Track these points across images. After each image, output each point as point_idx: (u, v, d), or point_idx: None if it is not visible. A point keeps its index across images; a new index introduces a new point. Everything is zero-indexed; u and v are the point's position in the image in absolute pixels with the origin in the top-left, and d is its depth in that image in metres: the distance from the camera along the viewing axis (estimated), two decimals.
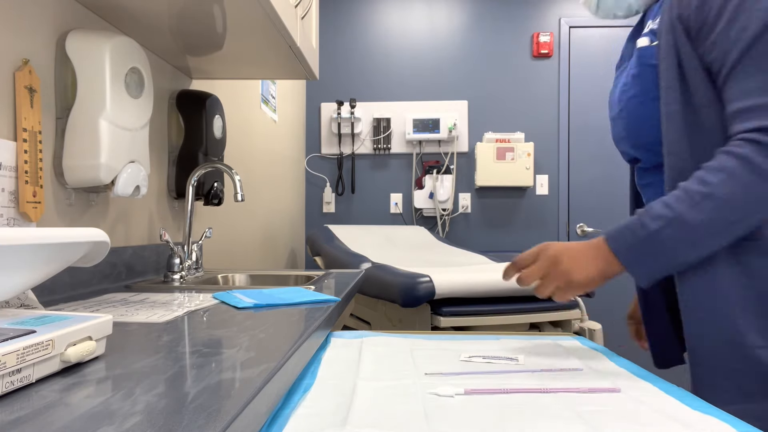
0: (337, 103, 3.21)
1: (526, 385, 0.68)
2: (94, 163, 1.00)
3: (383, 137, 3.27)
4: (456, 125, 3.19)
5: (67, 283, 1.01)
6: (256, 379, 0.47)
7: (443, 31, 3.32)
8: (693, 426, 0.55)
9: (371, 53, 3.33)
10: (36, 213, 0.91)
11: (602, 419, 0.57)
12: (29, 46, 0.94)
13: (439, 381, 0.70)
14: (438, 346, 0.90)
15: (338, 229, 2.76)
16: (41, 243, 0.51)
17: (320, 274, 1.49)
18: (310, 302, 0.93)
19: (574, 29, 3.29)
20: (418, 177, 3.27)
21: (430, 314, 1.69)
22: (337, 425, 0.54)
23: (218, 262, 1.86)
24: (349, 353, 0.84)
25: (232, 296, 0.97)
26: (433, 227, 3.28)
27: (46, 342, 0.46)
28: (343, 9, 3.33)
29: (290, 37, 1.29)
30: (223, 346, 0.61)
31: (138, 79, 1.12)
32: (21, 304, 0.65)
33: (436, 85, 3.31)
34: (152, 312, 0.82)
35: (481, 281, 1.67)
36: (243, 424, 0.40)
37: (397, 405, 0.60)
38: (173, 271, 1.27)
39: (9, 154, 0.87)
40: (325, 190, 3.31)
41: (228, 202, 1.96)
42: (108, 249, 0.63)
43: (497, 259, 2.39)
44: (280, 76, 1.65)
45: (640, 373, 0.76)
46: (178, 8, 1.09)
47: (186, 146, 1.49)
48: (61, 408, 0.40)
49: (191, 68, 1.54)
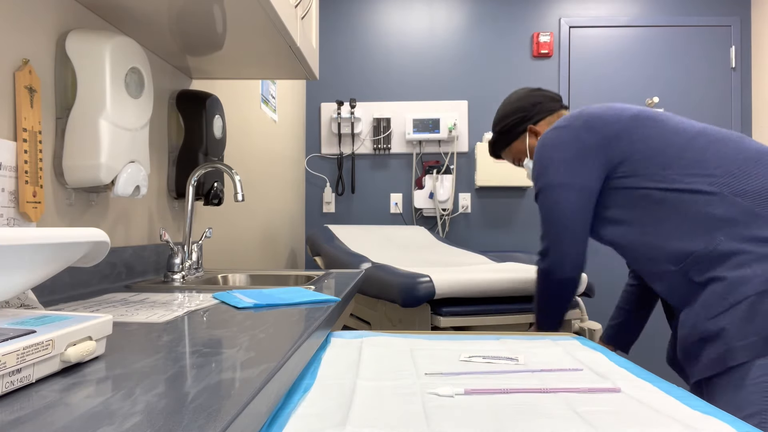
0: (337, 103, 3.21)
1: (526, 385, 0.68)
2: (94, 163, 1.00)
3: (383, 137, 3.27)
4: (456, 125, 3.19)
5: (67, 283, 1.01)
6: (256, 379, 0.47)
7: (443, 31, 3.32)
8: (693, 426, 0.55)
9: (371, 53, 3.33)
10: (36, 213, 0.91)
11: (602, 419, 0.57)
12: (29, 46, 0.94)
13: (439, 381, 0.70)
14: (438, 346, 0.90)
15: (338, 229, 2.76)
16: (41, 243, 0.51)
17: (320, 274, 1.49)
18: (310, 302, 0.93)
19: (574, 29, 3.29)
20: (418, 177, 3.27)
21: (430, 314, 1.69)
22: (337, 425, 0.54)
23: (218, 262, 1.86)
24: (349, 353, 0.84)
25: (232, 296, 0.97)
26: (433, 227, 3.28)
27: (46, 342, 0.46)
28: (343, 9, 3.33)
29: (290, 37, 1.29)
30: (223, 346, 0.61)
31: (138, 79, 1.12)
32: (21, 304, 0.65)
33: (436, 85, 3.31)
34: (152, 312, 0.82)
35: (481, 281, 1.67)
36: (243, 424, 0.40)
37: (397, 405, 0.60)
38: (173, 271, 1.27)
39: (9, 154, 0.87)
40: (325, 190, 3.31)
41: (228, 202, 1.96)
42: (108, 249, 0.63)
43: (497, 259, 2.39)
44: (280, 76, 1.65)
45: (640, 373, 0.76)
46: (178, 8, 1.09)
47: (186, 146, 1.49)
48: (61, 408, 0.40)
49: (191, 68, 1.54)
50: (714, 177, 1.08)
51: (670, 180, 1.11)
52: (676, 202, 1.10)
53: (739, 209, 1.05)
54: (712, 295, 1.04)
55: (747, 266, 1.02)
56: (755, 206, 1.04)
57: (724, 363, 1.00)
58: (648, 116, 1.19)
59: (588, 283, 1.84)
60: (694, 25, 3.26)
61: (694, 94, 3.25)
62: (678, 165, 1.11)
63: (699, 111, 3.25)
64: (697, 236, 1.07)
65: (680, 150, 1.13)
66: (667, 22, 3.26)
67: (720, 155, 1.10)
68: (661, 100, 3.26)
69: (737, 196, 1.06)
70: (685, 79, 3.25)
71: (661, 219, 1.11)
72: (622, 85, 3.27)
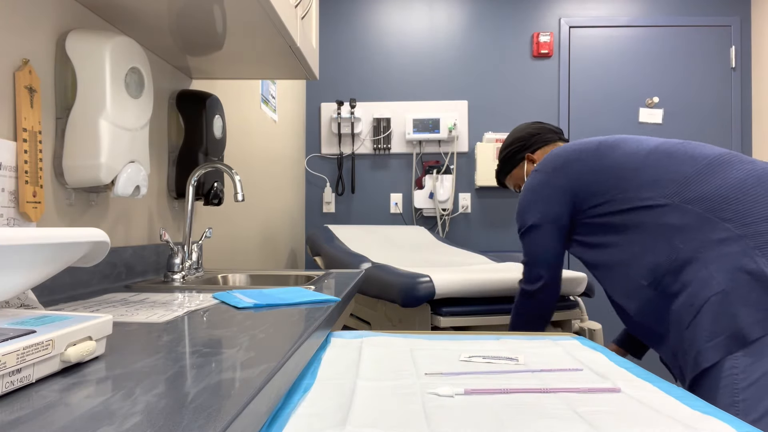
0: (337, 103, 3.21)
1: (526, 385, 0.68)
2: (94, 163, 1.00)
3: (383, 137, 3.27)
4: (456, 125, 3.19)
5: (67, 283, 1.01)
6: (256, 379, 0.47)
7: (443, 31, 3.32)
8: (693, 426, 0.55)
9: (371, 53, 3.33)
10: (36, 213, 0.91)
11: (602, 419, 0.57)
12: (29, 46, 0.94)
13: (439, 381, 0.70)
14: (438, 346, 0.90)
15: (338, 229, 2.76)
16: (41, 243, 0.51)
17: (320, 274, 1.49)
18: (310, 302, 0.93)
19: (574, 29, 3.29)
20: (418, 177, 3.27)
21: (430, 314, 1.69)
22: (337, 425, 0.54)
23: (218, 262, 1.86)
24: (349, 353, 0.84)
25: (232, 296, 0.97)
26: (433, 227, 3.28)
27: (46, 342, 0.46)
28: (343, 9, 3.33)
29: (290, 37, 1.29)
30: (223, 346, 0.61)
31: (138, 79, 1.12)
32: (21, 304, 0.65)
33: (436, 85, 3.31)
34: (152, 312, 0.82)
35: (481, 281, 1.67)
36: (243, 424, 0.40)
37: (397, 405, 0.60)
38: (173, 271, 1.27)
39: (9, 154, 0.87)
40: (325, 190, 3.31)
41: (228, 202, 1.96)
42: (108, 249, 0.63)
43: (497, 259, 2.39)
44: (280, 76, 1.65)
45: (640, 373, 0.76)
46: (178, 8, 1.09)
47: (186, 146, 1.49)
48: (61, 408, 0.40)
49: (191, 68, 1.54)
50: (666, 188, 1.14)
51: (628, 200, 1.19)
52: (636, 220, 1.17)
53: (692, 216, 1.10)
54: (682, 306, 1.08)
55: (704, 269, 1.06)
56: (705, 211, 1.09)
57: (698, 366, 1.03)
58: (608, 145, 1.28)
59: (588, 283, 1.84)
60: (694, 25, 3.26)
61: (694, 94, 3.25)
62: (635, 185, 1.18)
63: (699, 111, 3.25)
64: (659, 247, 1.13)
65: (635, 171, 1.20)
66: (667, 22, 3.26)
67: (672, 168, 1.16)
68: (661, 100, 3.26)
69: (688, 203, 1.11)
70: (685, 79, 3.25)
71: (628, 239, 1.19)
72: (622, 85, 3.27)
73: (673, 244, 1.11)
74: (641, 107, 3.27)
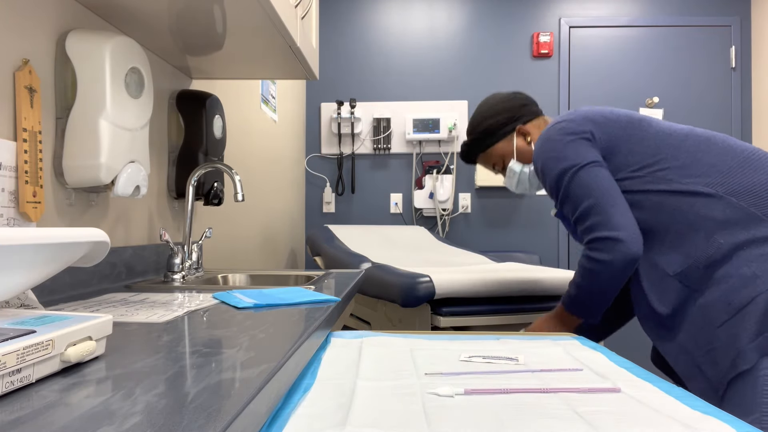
0: (337, 103, 3.21)
1: (526, 385, 0.68)
2: (94, 163, 1.00)
3: (383, 137, 3.27)
4: (456, 125, 3.19)
5: (67, 283, 1.01)
6: (256, 379, 0.47)
7: (443, 31, 3.32)
8: (693, 426, 0.55)
9: (371, 53, 3.33)
10: (36, 213, 0.91)
11: (602, 419, 0.57)
12: (29, 46, 0.94)
13: (439, 381, 0.70)
14: (438, 346, 0.90)
15: (338, 229, 2.76)
16: (41, 243, 0.51)
17: (320, 274, 1.49)
18: (310, 302, 0.93)
19: (574, 29, 3.29)
20: (418, 177, 3.27)
21: (430, 314, 1.69)
22: (337, 425, 0.54)
23: (218, 262, 1.86)
24: (349, 353, 0.84)
25: (232, 296, 0.97)
26: (433, 227, 3.28)
27: (46, 342, 0.46)
28: (343, 9, 3.33)
29: (290, 37, 1.29)
30: (223, 346, 0.61)
31: (138, 79, 1.12)
32: (21, 304, 0.65)
33: (436, 85, 3.31)
34: (152, 312, 0.82)
35: (481, 281, 1.67)
36: (243, 424, 0.40)
37: (397, 405, 0.60)
38: (173, 271, 1.27)
39: (9, 154, 0.87)
40: (325, 190, 3.31)
41: (228, 202, 1.96)
42: (108, 249, 0.63)
43: (497, 259, 2.39)
44: (280, 76, 1.65)
45: (640, 373, 0.76)
46: (178, 8, 1.09)
47: (186, 146, 1.49)
48: (61, 408, 0.40)
49: (191, 68, 1.54)
50: (709, 176, 1.08)
51: (667, 181, 1.11)
52: (674, 204, 1.10)
53: (737, 210, 1.05)
54: (715, 303, 1.03)
55: (746, 267, 1.01)
56: (749, 206, 1.04)
57: (736, 368, 0.98)
58: (641, 119, 1.20)
59: None
60: (694, 25, 3.26)
61: (694, 94, 3.25)
62: (676, 166, 1.11)
63: (699, 111, 3.25)
64: (696, 241, 1.07)
65: (675, 150, 1.13)
66: (667, 22, 3.26)
67: (710, 156, 1.11)
68: (661, 100, 3.26)
69: (733, 196, 1.06)
70: (685, 79, 3.25)
71: (660, 222, 1.11)
72: (622, 85, 3.27)
73: (712, 239, 1.05)
74: (641, 107, 3.27)
